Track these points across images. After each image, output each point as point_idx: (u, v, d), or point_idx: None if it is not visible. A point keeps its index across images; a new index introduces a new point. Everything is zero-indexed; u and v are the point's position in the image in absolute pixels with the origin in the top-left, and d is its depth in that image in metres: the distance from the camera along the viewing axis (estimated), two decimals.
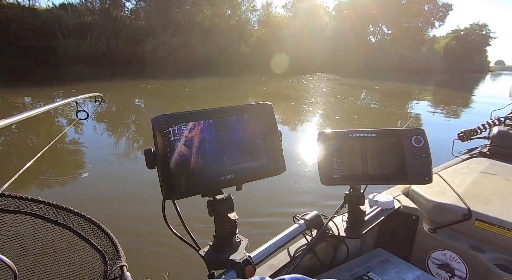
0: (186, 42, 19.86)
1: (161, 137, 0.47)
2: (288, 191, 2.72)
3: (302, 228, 0.80)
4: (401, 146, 0.74)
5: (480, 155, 1.60)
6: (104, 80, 11.01)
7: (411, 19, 35.35)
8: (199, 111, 0.51)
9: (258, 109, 0.56)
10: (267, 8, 26.52)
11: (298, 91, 10.74)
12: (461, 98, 11.81)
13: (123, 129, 5.15)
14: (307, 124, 5.97)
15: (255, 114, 0.55)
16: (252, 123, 0.54)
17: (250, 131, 0.54)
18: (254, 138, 0.55)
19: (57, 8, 19.73)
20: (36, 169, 2.94)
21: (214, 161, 0.51)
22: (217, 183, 0.51)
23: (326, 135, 0.77)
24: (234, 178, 0.52)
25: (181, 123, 0.49)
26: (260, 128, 0.55)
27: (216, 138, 0.51)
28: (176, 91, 9.46)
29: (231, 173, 0.52)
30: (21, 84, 8.69)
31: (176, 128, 0.48)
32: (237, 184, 0.54)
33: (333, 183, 0.76)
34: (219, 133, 0.52)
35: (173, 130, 0.48)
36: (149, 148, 0.48)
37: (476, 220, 0.90)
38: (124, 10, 22.07)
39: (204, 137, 0.50)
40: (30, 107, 6.42)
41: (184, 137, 0.49)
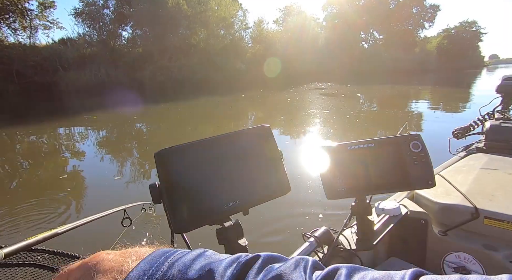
0: (183, 65, 20.32)
1: (164, 171, 0.48)
2: (294, 208, 2.70)
3: (313, 246, 0.80)
4: (400, 153, 0.75)
5: (477, 151, 1.62)
6: (105, 109, 11.21)
7: (401, 23, 36.01)
8: (199, 141, 0.52)
9: (257, 132, 0.56)
10: (259, 25, 27.24)
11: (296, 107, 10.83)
12: (457, 96, 11.81)
13: (126, 157, 5.19)
14: (306, 139, 5.98)
15: (254, 138, 0.56)
16: (252, 147, 0.55)
17: (251, 155, 0.55)
18: (256, 161, 0.55)
19: (56, 44, 20.42)
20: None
21: (219, 189, 0.51)
22: (224, 211, 0.52)
23: (326, 150, 0.78)
24: (240, 204, 0.53)
25: (183, 155, 0.49)
26: (261, 151, 0.56)
27: (219, 166, 0.52)
28: (178, 114, 9.59)
29: (237, 199, 0.52)
30: (25, 121, 8.86)
31: (178, 160, 0.49)
32: (243, 209, 0.54)
33: (339, 197, 0.77)
34: (221, 160, 0.52)
35: (176, 163, 0.49)
36: (153, 183, 0.49)
37: (485, 218, 0.90)
38: (121, 39, 22.82)
39: (207, 165, 0.51)
40: (35, 143, 6.53)
41: (188, 168, 0.49)
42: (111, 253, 0.27)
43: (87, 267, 0.25)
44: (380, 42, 35.90)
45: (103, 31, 21.62)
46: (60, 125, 7.81)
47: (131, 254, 0.26)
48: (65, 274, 0.26)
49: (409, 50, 34.02)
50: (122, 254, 0.26)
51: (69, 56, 18.70)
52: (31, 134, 7.07)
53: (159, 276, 0.23)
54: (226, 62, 21.68)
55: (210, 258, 0.25)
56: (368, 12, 33.24)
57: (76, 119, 8.83)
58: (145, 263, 0.24)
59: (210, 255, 0.26)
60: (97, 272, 0.24)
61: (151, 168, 4.12)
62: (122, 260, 0.25)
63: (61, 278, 0.26)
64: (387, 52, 31.86)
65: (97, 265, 0.25)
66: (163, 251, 0.26)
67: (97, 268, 0.25)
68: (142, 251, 0.27)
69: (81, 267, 0.26)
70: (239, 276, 0.23)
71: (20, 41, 18.87)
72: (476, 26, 40.25)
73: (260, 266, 0.24)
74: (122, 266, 0.24)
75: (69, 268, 0.27)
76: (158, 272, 0.23)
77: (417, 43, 36.91)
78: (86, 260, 0.26)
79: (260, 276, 0.23)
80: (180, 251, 0.26)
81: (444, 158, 1.56)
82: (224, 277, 0.23)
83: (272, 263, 0.25)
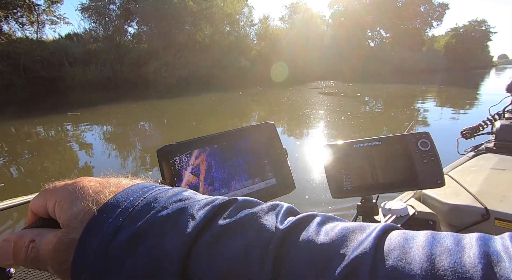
0: (188, 61, 20.33)
1: (167, 168, 0.47)
2: (299, 206, 2.66)
3: None
4: (408, 152, 0.73)
5: (487, 151, 1.59)
6: (110, 103, 11.28)
7: (408, 21, 35.59)
8: (202, 138, 0.51)
9: (261, 129, 0.55)
10: (265, 22, 27.09)
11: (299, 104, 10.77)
12: (465, 96, 11.63)
13: (129, 151, 5.21)
14: (311, 137, 5.94)
15: (259, 135, 0.55)
16: (256, 144, 0.54)
17: (255, 153, 0.54)
18: (260, 159, 0.54)
19: (63, 39, 20.58)
20: None
21: (223, 187, 0.50)
22: None
23: (332, 148, 0.76)
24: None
25: (186, 152, 0.48)
26: (265, 148, 0.55)
27: (222, 163, 0.51)
28: (182, 110, 9.61)
29: (240, 197, 0.51)
30: (32, 114, 8.96)
31: (182, 157, 0.48)
32: None
33: (344, 196, 0.75)
34: (225, 158, 0.51)
35: (179, 160, 0.48)
36: (156, 180, 0.48)
37: (496, 219, 0.87)
38: (127, 35, 22.90)
39: (210, 163, 0.50)
40: (43, 135, 6.59)
41: (191, 165, 0.48)
42: (93, 180, 0.27)
43: (68, 191, 0.25)
44: (387, 40, 35.54)
45: (109, 27, 21.70)
46: (65, 120, 7.87)
47: (110, 185, 0.26)
48: (50, 191, 0.27)
49: (416, 49, 33.64)
50: (102, 183, 0.26)
51: (75, 51, 18.83)
52: (37, 124, 7.14)
53: (132, 211, 0.23)
54: (231, 59, 21.64)
55: (187, 198, 0.25)
56: (375, 10, 32.90)
57: (81, 113, 8.89)
58: (121, 196, 0.24)
59: (188, 195, 0.26)
60: (75, 198, 0.25)
61: (153, 164, 4.13)
62: (100, 190, 0.25)
63: (46, 194, 0.27)
64: (394, 51, 31.53)
65: (76, 191, 0.25)
66: (142, 185, 0.26)
67: (76, 194, 0.25)
68: (122, 183, 0.27)
69: (64, 189, 0.26)
70: (211, 217, 0.23)
71: (28, 36, 19.06)
72: (485, 25, 39.64)
73: (234, 209, 0.24)
74: (98, 196, 0.24)
75: (54, 186, 0.27)
76: (132, 206, 0.23)
77: (424, 42, 36.47)
78: (69, 182, 0.27)
79: (231, 218, 0.23)
80: (160, 188, 0.26)
81: (452, 159, 1.53)
82: (195, 218, 0.22)
83: (247, 208, 0.25)
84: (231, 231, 0.22)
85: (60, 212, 0.25)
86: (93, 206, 0.23)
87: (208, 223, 0.22)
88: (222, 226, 0.22)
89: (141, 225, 0.22)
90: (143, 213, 0.23)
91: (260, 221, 0.23)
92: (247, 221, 0.23)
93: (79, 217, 0.23)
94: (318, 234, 0.21)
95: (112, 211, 0.23)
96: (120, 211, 0.23)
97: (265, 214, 0.23)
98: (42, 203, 0.27)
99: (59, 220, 0.25)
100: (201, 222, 0.22)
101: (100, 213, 0.23)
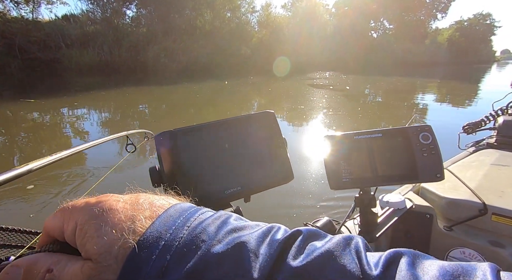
0: (187, 47, 20.00)
1: (165, 154, 0.46)
2: (297, 197, 2.69)
3: None
4: (409, 144, 0.72)
5: (488, 146, 1.58)
6: (108, 88, 11.15)
7: (413, 13, 35.02)
8: (201, 125, 0.50)
9: (261, 118, 0.54)
10: (267, 9, 26.55)
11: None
12: (466, 90, 11.59)
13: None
14: (310, 127, 5.92)
15: (258, 124, 0.54)
16: (256, 133, 0.53)
17: (255, 141, 0.53)
18: (259, 148, 0.53)
19: (59, 20, 20.09)
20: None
21: (220, 175, 0.50)
22: (225, 196, 0.50)
23: (332, 139, 0.75)
24: (242, 190, 0.51)
25: (184, 139, 0.48)
26: (264, 137, 0.54)
27: (221, 151, 0.50)
28: (180, 96, 9.53)
29: (239, 185, 0.51)
30: (28, 96, 8.84)
31: (179, 144, 0.47)
32: (245, 196, 0.52)
33: (343, 187, 0.74)
34: (223, 145, 0.51)
35: (177, 146, 0.47)
36: (153, 167, 0.47)
37: (493, 214, 0.87)
38: (125, 18, 22.36)
39: (208, 150, 0.49)
40: (39, 120, 6.53)
41: (189, 152, 0.48)
42: (120, 199, 0.23)
43: (93, 213, 0.21)
44: (390, 32, 35.05)
45: (107, 9, 21.16)
46: (62, 103, 7.79)
47: (142, 207, 0.22)
48: (68, 211, 0.22)
49: (419, 41, 33.25)
50: (133, 204, 0.22)
51: (72, 33, 18.44)
52: (34, 110, 7.07)
53: (178, 245, 0.19)
54: (231, 46, 21.30)
55: (239, 228, 0.21)
56: (380, 0, 32.25)
57: (78, 97, 8.79)
58: (160, 224, 0.20)
59: (238, 224, 0.22)
60: (104, 223, 0.20)
61: (151, 151, 4.12)
62: (134, 215, 0.21)
63: (63, 214, 0.22)
64: (397, 43, 31.15)
65: (104, 214, 0.21)
66: (179, 207, 0.23)
67: (105, 218, 0.21)
68: (156, 204, 0.23)
69: (86, 210, 0.22)
70: (278, 256, 0.19)
71: (23, 15, 18.55)
72: (490, 19, 39.11)
73: (301, 244, 0.21)
74: (133, 224, 0.20)
75: (73, 205, 0.23)
76: (177, 238, 0.20)
77: (428, 34, 36.02)
78: (92, 202, 0.22)
79: (302, 257, 0.19)
80: (200, 212, 0.23)
81: (453, 153, 1.53)
82: (258, 257, 0.19)
83: (313, 241, 0.21)
84: (308, 276, 0.18)
85: (84, 240, 0.20)
86: (129, 237, 0.19)
87: (277, 264, 0.19)
88: (295, 269, 0.18)
89: (194, 266, 0.18)
90: (192, 248, 0.19)
91: (339, 262, 0.19)
92: (323, 262, 0.19)
93: (112, 252, 0.19)
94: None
95: (154, 246, 0.19)
96: (163, 246, 0.19)
97: (342, 252, 0.20)
98: (58, 224, 0.22)
99: (82, 249, 0.21)
100: (268, 263, 0.19)
101: (140, 248, 0.19)
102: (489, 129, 1.82)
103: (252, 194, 0.53)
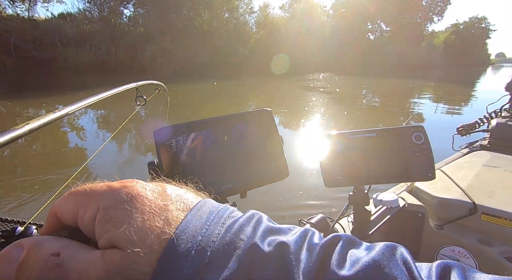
0: (185, 47, 19.96)
1: (164, 149, 0.47)
2: (292, 194, 2.72)
3: None
4: (402, 144, 0.74)
5: (481, 148, 1.61)
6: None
7: (410, 15, 35.29)
8: (199, 121, 0.51)
9: (258, 116, 0.56)
10: (265, 10, 26.62)
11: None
12: (461, 93, 11.70)
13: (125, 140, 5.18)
14: (307, 127, 5.94)
15: (255, 121, 0.55)
16: (253, 130, 0.55)
17: (251, 138, 0.54)
18: (255, 144, 0.55)
19: (56, 18, 19.95)
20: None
21: (217, 170, 0.51)
22: (222, 192, 0.51)
23: (327, 137, 0.77)
24: (238, 185, 0.52)
25: (182, 134, 0.49)
26: (261, 134, 0.55)
27: (218, 147, 0.52)
28: (178, 96, 9.51)
29: (235, 181, 0.52)
30: (23, 95, 8.77)
31: (178, 140, 0.48)
32: (241, 191, 0.54)
33: (337, 184, 0.76)
34: (221, 141, 0.52)
35: (176, 142, 0.48)
36: (152, 161, 0.49)
37: (482, 214, 0.90)
38: (123, 17, 22.27)
39: (206, 146, 0.51)
40: (34, 117, 6.48)
41: (187, 148, 0.49)
42: (147, 187, 0.21)
43: (121, 198, 0.19)
44: (387, 34, 35.29)
45: (104, 8, 21.06)
46: (58, 102, 7.74)
47: (173, 198, 0.21)
48: (87, 194, 0.20)
49: (415, 44, 33.52)
50: (161, 193, 0.21)
51: (68, 31, 18.31)
52: (29, 106, 7.01)
53: (216, 240, 0.18)
54: (229, 47, 21.31)
55: (273, 229, 0.21)
56: (377, 2, 32.48)
57: (74, 96, 8.72)
58: (193, 217, 0.19)
59: (271, 225, 0.21)
60: (135, 209, 0.19)
61: (148, 146, 4.11)
62: (165, 206, 0.20)
63: (79, 197, 0.20)
64: (393, 45, 31.37)
65: (133, 200, 0.19)
66: (210, 204, 0.22)
67: (134, 204, 0.19)
68: (184, 196, 0.22)
69: (111, 195, 0.20)
70: (320, 263, 0.18)
71: (19, 14, 18.39)
72: (485, 22, 39.52)
73: (342, 251, 0.20)
74: (167, 214, 0.19)
75: (92, 188, 0.21)
76: (214, 234, 0.19)
77: (424, 37, 36.31)
78: (116, 186, 0.20)
79: (347, 266, 0.18)
80: (231, 210, 0.22)
81: (447, 155, 1.55)
82: (299, 261, 0.18)
83: (351, 248, 0.20)
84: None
85: (108, 226, 0.18)
86: (165, 227, 0.18)
87: (320, 271, 0.18)
88: (344, 279, 0.17)
89: (238, 265, 0.17)
90: (233, 247, 0.18)
91: (389, 274, 0.18)
92: (372, 273, 0.18)
93: (148, 241, 0.17)
94: None
95: (192, 240, 0.18)
96: (201, 241, 0.18)
97: (388, 262, 0.18)
98: (70, 209, 0.20)
99: (102, 235, 0.19)
100: (312, 269, 0.18)
101: (177, 240, 0.18)
102: (482, 131, 1.85)
103: (248, 190, 0.54)
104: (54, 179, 3.09)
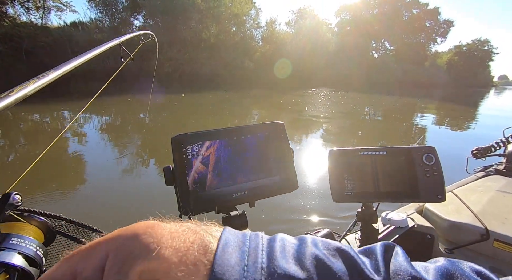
0: (192, 58, 20.31)
1: (179, 156, 0.49)
2: (299, 207, 2.71)
3: None
4: (412, 164, 0.73)
5: (496, 173, 1.57)
6: (112, 95, 11.23)
7: (413, 35, 35.90)
8: (215, 130, 0.53)
9: (271, 128, 0.57)
10: (271, 25, 27.20)
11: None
12: (470, 113, 11.61)
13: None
14: (316, 140, 5.93)
15: (268, 133, 0.57)
16: (265, 142, 0.56)
17: (263, 149, 0.56)
18: (267, 156, 0.56)
19: (68, 26, 20.45)
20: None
21: (229, 179, 0.53)
22: (232, 200, 0.53)
23: (337, 153, 0.77)
24: (248, 195, 0.54)
25: (198, 142, 0.51)
26: (273, 146, 0.57)
27: (231, 156, 0.53)
28: (182, 106, 9.59)
29: (245, 190, 0.54)
30: (30, 100, 8.86)
31: (193, 147, 0.50)
32: (250, 201, 0.55)
33: (345, 200, 0.75)
34: (234, 151, 0.53)
35: (191, 149, 0.50)
36: (168, 166, 0.50)
37: (495, 240, 0.87)
38: (133, 28, 22.81)
39: (220, 155, 0.52)
40: (39, 123, 6.53)
41: (201, 155, 0.51)
42: (165, 225, 0.19)
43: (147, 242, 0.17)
44: (391, 53, 35.79)
45: (115, 18, 21.65)
46: (66, 108, 7.82)
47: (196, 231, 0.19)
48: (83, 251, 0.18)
49: (419, 63, 33.90)
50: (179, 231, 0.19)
51: (79, 40, 18.74)
52: (35, 112, 7.08)
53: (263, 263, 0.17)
54: (235, 59, 21.66)
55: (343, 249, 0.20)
56: (381, 22, 33.15)
57: (81, 103, 8.81)
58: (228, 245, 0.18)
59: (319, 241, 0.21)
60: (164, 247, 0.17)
61: (154, 154, 4.11)
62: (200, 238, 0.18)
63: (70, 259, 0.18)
64: (397, 64, 31.73)
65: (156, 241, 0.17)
66: (235, 231, 0.20)
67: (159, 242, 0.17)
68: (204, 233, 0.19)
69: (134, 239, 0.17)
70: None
71: (32, 21, 18.92)
72: (488, 45, 40.02)
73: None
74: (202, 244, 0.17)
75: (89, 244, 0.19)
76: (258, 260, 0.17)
77: (427, 57, 36.77)
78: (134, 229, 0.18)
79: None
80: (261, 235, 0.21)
81: (460, 177, 1.52)
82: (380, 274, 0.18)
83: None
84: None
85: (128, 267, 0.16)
86: (202, 257, 0.17)
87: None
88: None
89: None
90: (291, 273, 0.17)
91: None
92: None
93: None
94: None
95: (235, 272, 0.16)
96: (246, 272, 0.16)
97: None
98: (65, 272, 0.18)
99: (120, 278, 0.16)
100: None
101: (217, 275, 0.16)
102: (498, 155, 1.81)
103: (257, 200, 0.56)
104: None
